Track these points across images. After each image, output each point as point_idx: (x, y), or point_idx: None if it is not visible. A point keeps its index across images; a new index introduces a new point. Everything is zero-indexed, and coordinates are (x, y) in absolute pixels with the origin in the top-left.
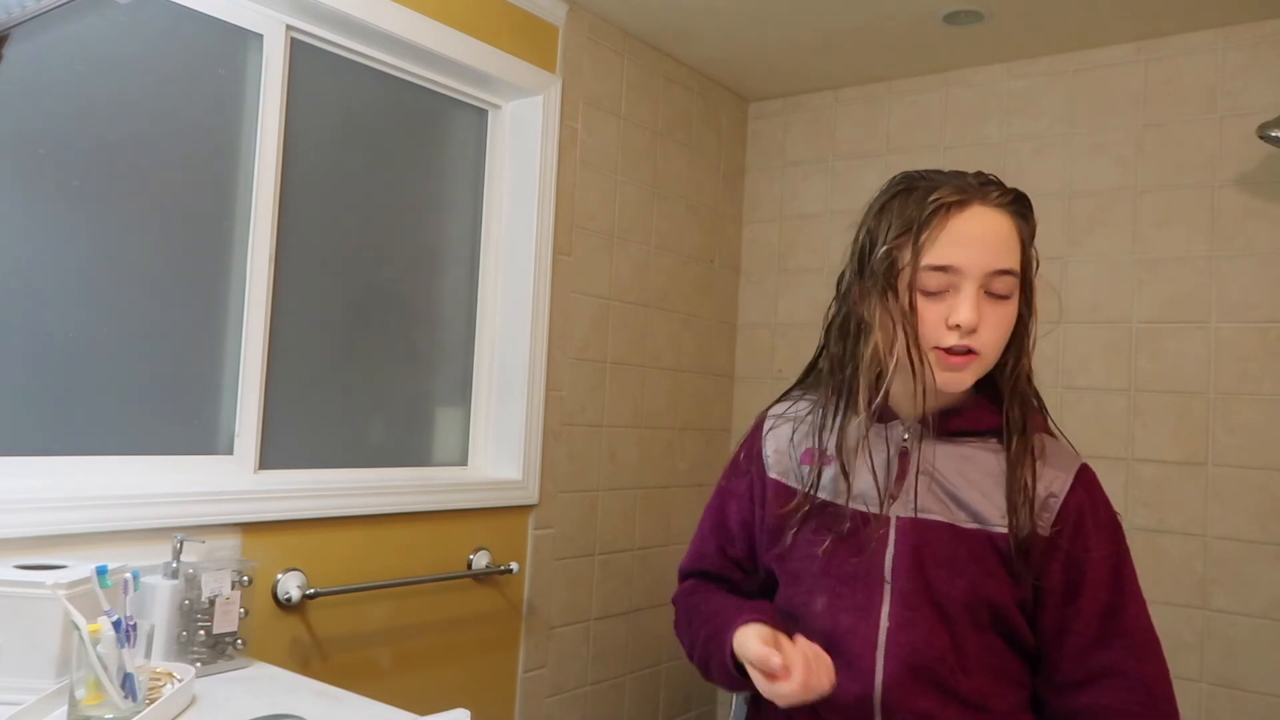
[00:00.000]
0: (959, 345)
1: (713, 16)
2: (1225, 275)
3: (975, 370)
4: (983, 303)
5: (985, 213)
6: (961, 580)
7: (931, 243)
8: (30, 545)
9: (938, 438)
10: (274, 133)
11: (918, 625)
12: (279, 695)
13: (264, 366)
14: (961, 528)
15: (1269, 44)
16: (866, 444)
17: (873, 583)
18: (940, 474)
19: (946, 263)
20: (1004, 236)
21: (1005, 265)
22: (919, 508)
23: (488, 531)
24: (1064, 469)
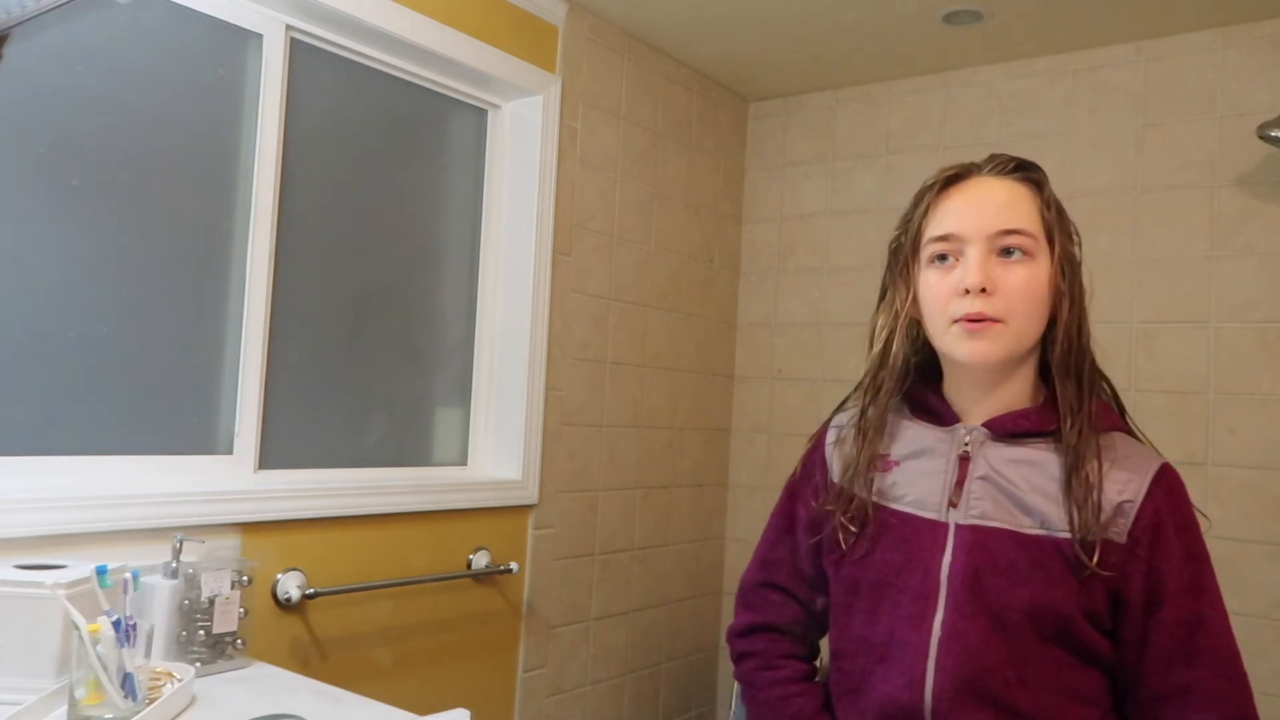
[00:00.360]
0: (973, 311)
1: (712, 16)
2: (1225, 275)
3: (1000, 339)
4: (994, 265)
5: (984, 181)
6: (1023, 590)
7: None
8: (30, 545)
9: (1001, 440)
10: (274, 132)
11: (970, 635)
12: (279, 695)
13: (263, 366)
14: (1024, 534)
15: (1269, 44)
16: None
17: (927, 591)
18: (1003, 478)
19: (945, 231)
20: (1007, 199)
21: (1011, 225)
22: (979, 514)
23: (487, 531)
24: (1140, 471)
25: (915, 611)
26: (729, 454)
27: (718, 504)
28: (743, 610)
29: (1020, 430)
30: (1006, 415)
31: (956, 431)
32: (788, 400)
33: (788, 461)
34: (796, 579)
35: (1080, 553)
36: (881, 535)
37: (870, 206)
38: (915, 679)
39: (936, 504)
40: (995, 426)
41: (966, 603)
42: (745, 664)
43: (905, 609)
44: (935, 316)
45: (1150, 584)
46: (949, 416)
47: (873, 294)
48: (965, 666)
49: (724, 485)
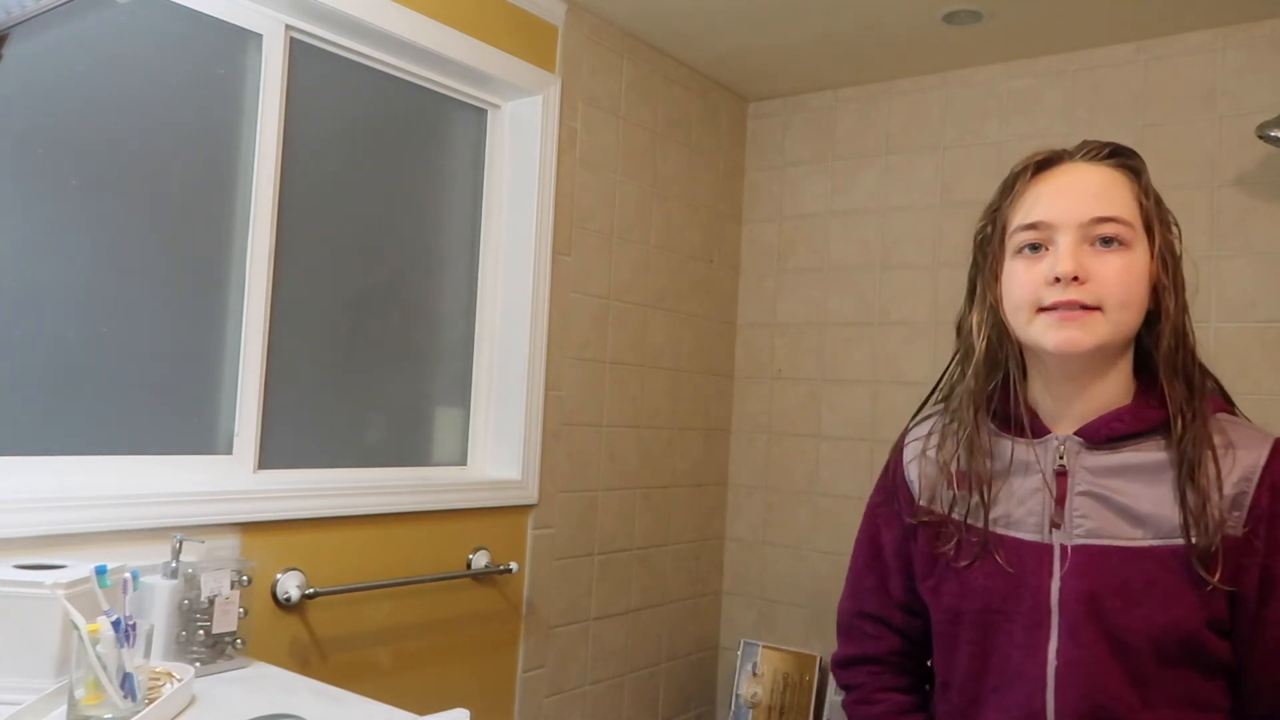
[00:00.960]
0: (1063, 299)
1: (712, 16)
2: (1225, 274)
3: (1094, 328)
4: (1087, 254)
5: (1076, 167)
6: (1141, 609)
7: (1019, 203)
8: (29, 545)
9: (1098, 447)
10: (273, 132)
11: (1090, 664)
12: (278, 695)
13: (263, 366)
14: (1137, 547)
15: (1268, 44)
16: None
17: (1039, 618)
18: (1108, 489)
19: (1035, 219)
20: (1101, 185)
21: (1105, 212)
22: (1085, 532)
23: (487, 531)
24: (1254, 450)
25: (1028, 640)
26: (728, 454)
27: (717, 504)
28: (842, 641)
29: (1117, 434)
30: (1100, 420)
31: (1049, 443)
32: (787, 400)
33: (787, 461)
34: (889, 606)
35: (1199, 568)
36: (982, 560)
37: (870, 206)
38: (1035, 711)
39: (1038, 524)
40: (1089, 434)
41: (1083, 629)
42: (848, 696)
43: (1018, 638)
44: (1020, 307)
45: (1264, 576)
46: (1038, 427)
47: (873, 294)
48: (1087, 697)
49: (724, 485)
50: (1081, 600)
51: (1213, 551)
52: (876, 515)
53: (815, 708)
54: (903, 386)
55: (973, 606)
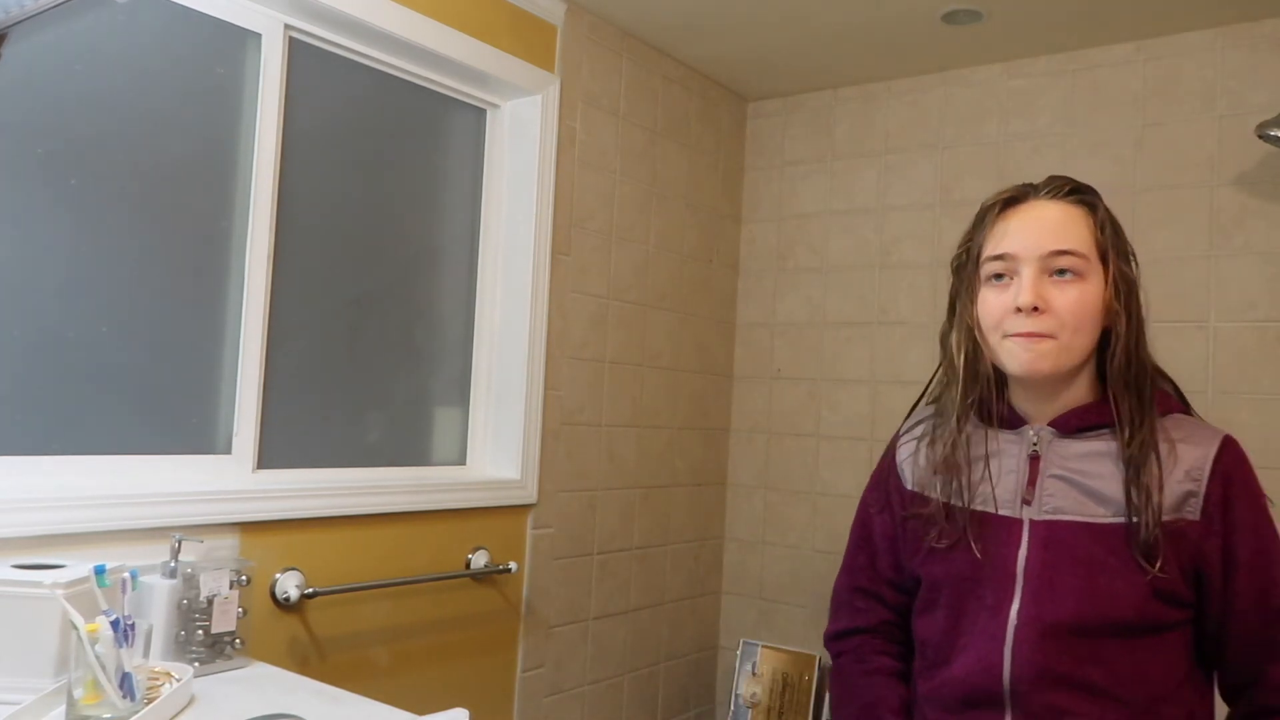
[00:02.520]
0: (1024, 329)
1: (712, 16)
2: (1224, 274)
3: (1050, 355)
4: (1047, 285)
5: (1039, 204)
6: (1098, 578)
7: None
8: (28, 545)
9: (1068, 436)
10: (272, 132)
11: (1045, 625)
12: (277, 695)
13: (262, 366)
14: (1097, 524)
15: (1268, 43)
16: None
17: (1005, 583)
18: (1073, 472)
19: (1001, 250)
20: (1061, 221)
21: (1062, 246)
22: (1052, 509)
23: (486, 531)
24: (1205, 450)
25: (994, 603)
26: (728, 454)
27: (717, 504)
28: (834, 616)
29: (1085, 425)
30: (1070, 412)
31: (1025, 432)
32: (786, 400)
33: (787, 461)
34: (879, 582)
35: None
36: (962, 535)
37: (870, 206)
38: (993, 664)
39: (1011, 502)
40: (1060, 424)
41: (1043, 594)
42: (839, 661)
43: (986, 600)
44: (991, 331)
45: (1225, 552)
46: (1016, 420)
47: (872, 294)
48: (1039, 652)
49: (723, 485)
50: (1044, 568)
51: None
52: (869, 505)
53: (814, 708)
54: (902, 386)
55: (951, 574)
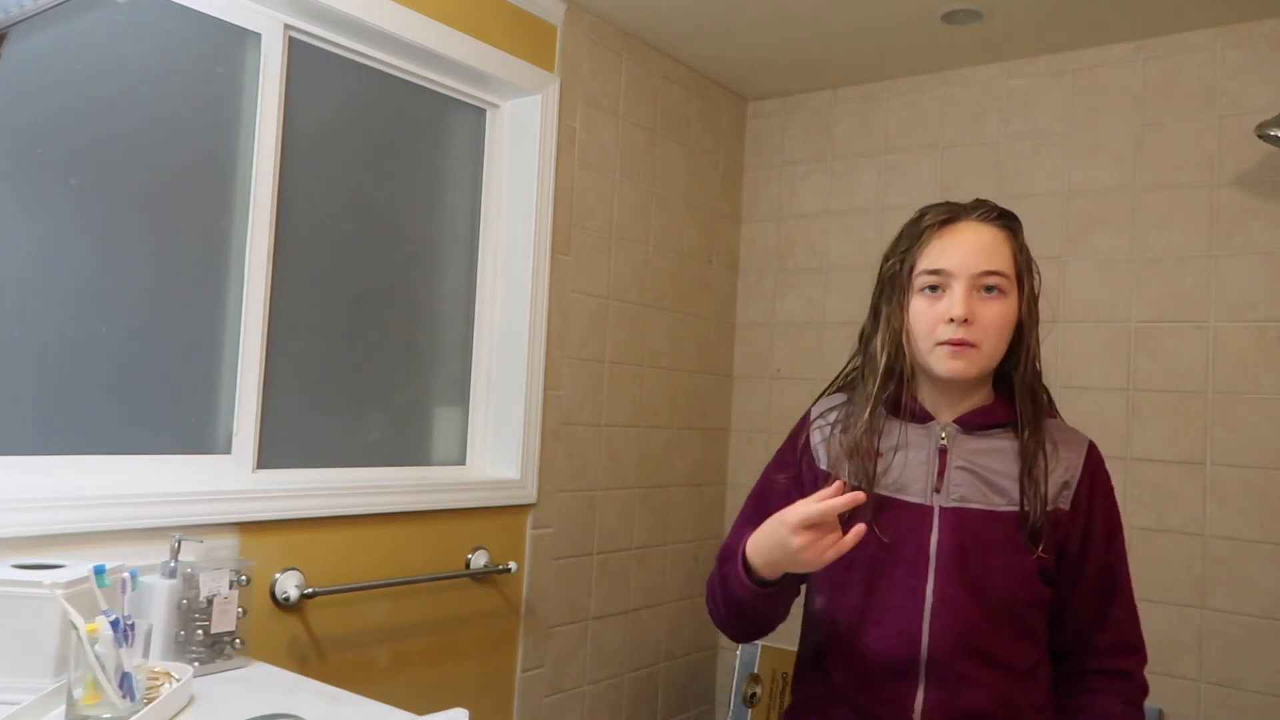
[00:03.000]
0: (955, 337)
1: (711, 16)
2: (1224, 274)
3: (975, 361)
4: (975, 300)
5: (972, 225)
6: (997, 559)
7: (926, 251)
8: (28, 545)
9: (970, 433)
10: (272, 132)
11: (957, 601)
12: (277, 695)
13: (262, 366)
14: (996, 511)
15: (1268, 43)
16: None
17: (919, 565)
18: (976, 465)
19: (938, 266)
20: (990, 244)
21: (992, 267)
22: (959, 497)
23: (486, 531)
24: (1077, 450)
25: (910, 583)
26: (727, 453)
27: (716, 503)
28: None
29: (986, 423)
30: (973, 412)
31: (933, 428)
32: (786, 400)
33: None
34: None
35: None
36: (876, 517)
37: (869, 206)
38: (913, 636)
39: (922, 490)
40: (965, 422)
41: (953, 574)
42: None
43: (900, 581)
44: (922, 338)
45: (1084, 537)
46: (924, 415)
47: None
48: (953, 625)
49: (722, 485)
50: (953, 551)
51: (1039, 526)
52: (774, 480)
53: None
54: None
55: (866, 554)
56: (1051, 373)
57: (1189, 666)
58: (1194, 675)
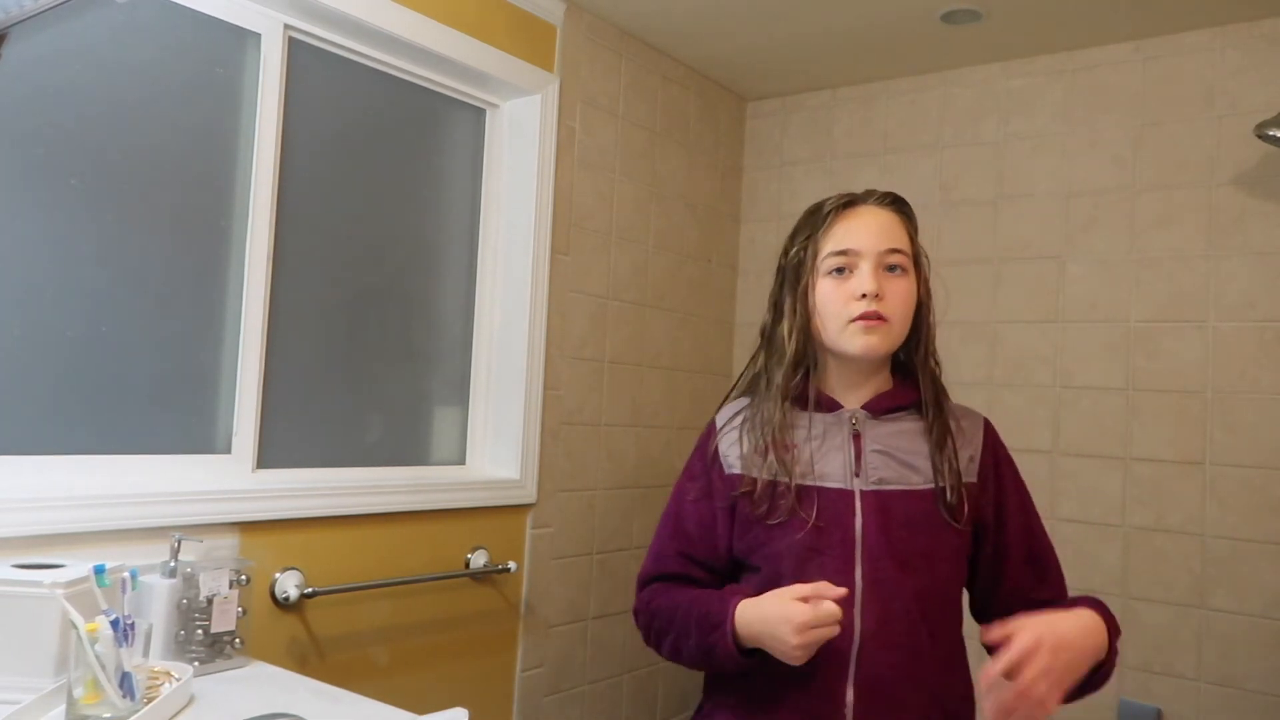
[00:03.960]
0: (869, 311)
1: (710, 16)
2: (1223, 274)
3: (886, 335)
4: (882, 277)
5: (870, 209)
6: (921, 536)
7: (829, 235)
8: (28, 544)
9: (878, 417)
10: (272, 132)
11: (887, 583)
12: (277, 694)
13: (262, 365)
14: (914, 490)
15: (1267, 43)
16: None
17: (847, 549)
18: (891, 447)
19: (844, 246)
20: (890, 225)
21: (894, 245)
22: (878, 480)
23: (485, 531)
24: (977, 427)
25: (839, 567)
26: None
27: None
28: (638, 597)
29: (891, 407)
30: (880, 397)
31: (843, 415)
32: None
33: None
34: (690, 566)
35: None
36: (799, 507)
37: None
38: (847, 621)
39: (842, 476)
40: (873, 407)
41: (881, 555)
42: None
43: (830, 566)
44: (832, 318)
45: (996, 508)
46: (832, 404)
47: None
48: (885, 606)
49: None
50: (879, 532)
51: (956, 500)
52: (685, 495)
53: None
54: None
55: (792, 544)
56: (1051, 373)
57: (1188, 666)
58: (1193, 675)
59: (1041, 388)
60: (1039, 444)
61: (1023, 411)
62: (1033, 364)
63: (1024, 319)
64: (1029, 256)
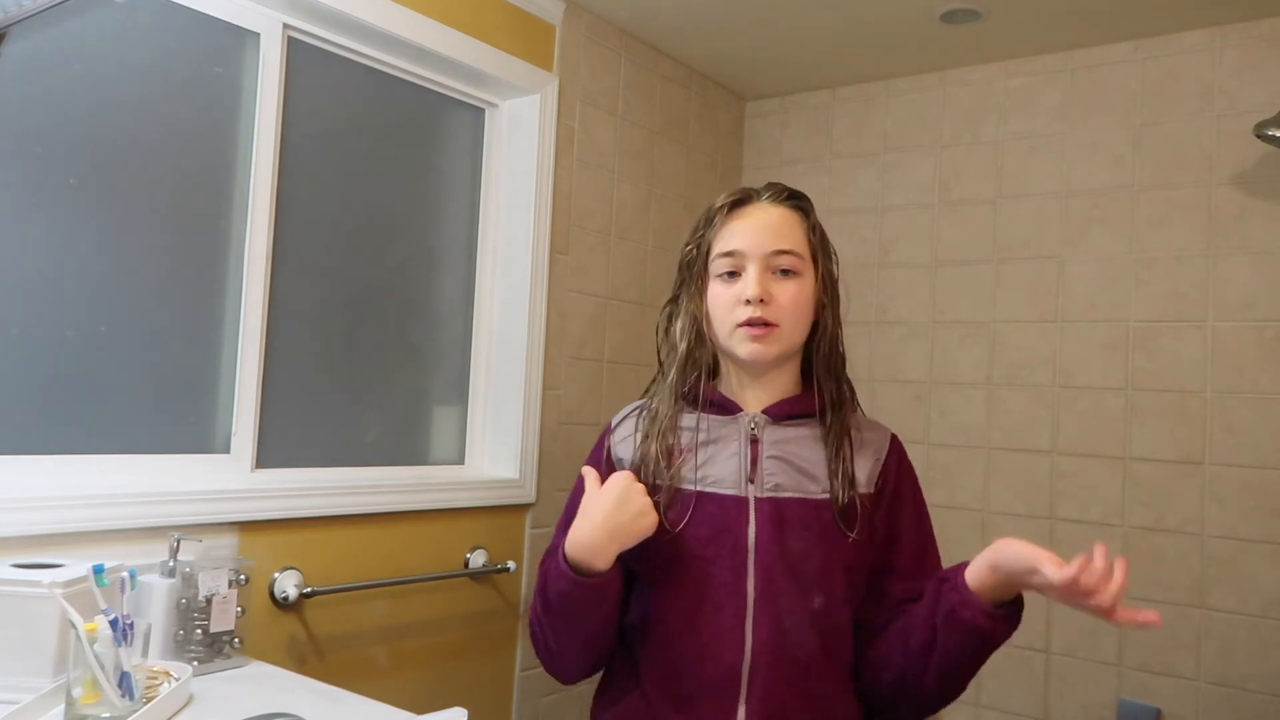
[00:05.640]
0: (755, 317)
1: (710, 15)
2: (1222, 274)
3: (775, 341)
4: (771, 280)
5: (762, 207)
6: (816, 547)
7: (718, 235)
8: (27, 544)
9: (778, 422)
10: (271, 131)
11: (780, 595)
12: (276, 694)
13: (261, 365)
14: (811, 499)
15: (1266, 43)
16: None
17: (739, 557)
18: (789, 454)
19: (730, 248)
20: (781, 223)
21: (784, 246)
22: (774, 486)
23: (485, 530)
24: (883, 440)
25: (731, 577)
26: None
27: None
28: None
29: (793, 412)
30: (781, 402)
31: (741, 419)
32: None
33: None
34: None
35: (840, 520)
36: (690, 514)
37: (868, 205)
38: (738, 632)
39: (736, 481)
40: (773, 412)
41: (775, 565)
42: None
43: (721, 576)
44: (721, 321)
45: (891, 520)
46: (731, 407)
47: (870, 293)
48: (777, 618)
49: None
50: (772, 541)
51: (852, 508)
52: (579, 493)
53: None
54: (899, 385)
55: (680, 553)
56: (1050, 372)
57: (1187, 666)
58: (1192, 675)
59: (1041, 388)
60: (1038, 444)
61: (1022, 411)
62: (1032, 364)
63: (1023, 319)
64: (1028, 256)
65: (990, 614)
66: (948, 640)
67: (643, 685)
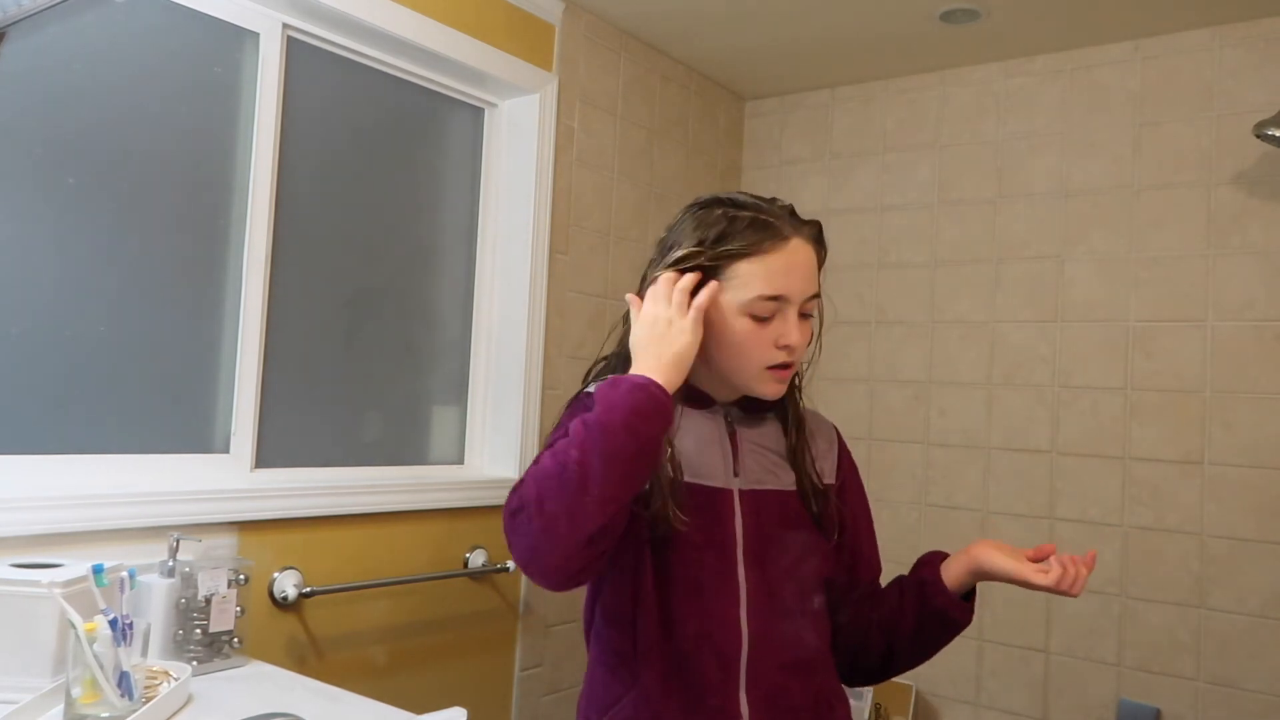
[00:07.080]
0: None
1: (709, 15)
2: (1222, 274)
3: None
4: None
5: (803, 246)
6: (794, 537)
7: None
8: (26, 544)
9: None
10: (270, 131)
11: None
12: (275, 694)
13: (260, 365)
14: (786, 490)
15: (1265, 42)
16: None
17: (728, 547)
18: (763, 448)
19: (776, 292)
20: (812, 265)
21: (816, 290)
22: (755, 479)
23: (484, 530)
24: (829, 431)
25: (721, 566)
26: None
27: None
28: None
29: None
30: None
31: (718, 411)
32: None
33: None
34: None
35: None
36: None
37: (867, 205)
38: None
39: (723, 473)
40: (745, 405)
41: (761, 553)
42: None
43: (710, 565)
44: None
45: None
46: (704, 400)
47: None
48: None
49: None
50: (757, 531)
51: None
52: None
53: None
54: (899, 385)
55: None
56: (1050, 372)
57: (1187, 666)
58: (1192, 674)
59: (1040, 387)
60: (1038, 444)
61: (1022, 411)
62: (1032, 364)
63: (1023, 319)
64: (1028, 256)
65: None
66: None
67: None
